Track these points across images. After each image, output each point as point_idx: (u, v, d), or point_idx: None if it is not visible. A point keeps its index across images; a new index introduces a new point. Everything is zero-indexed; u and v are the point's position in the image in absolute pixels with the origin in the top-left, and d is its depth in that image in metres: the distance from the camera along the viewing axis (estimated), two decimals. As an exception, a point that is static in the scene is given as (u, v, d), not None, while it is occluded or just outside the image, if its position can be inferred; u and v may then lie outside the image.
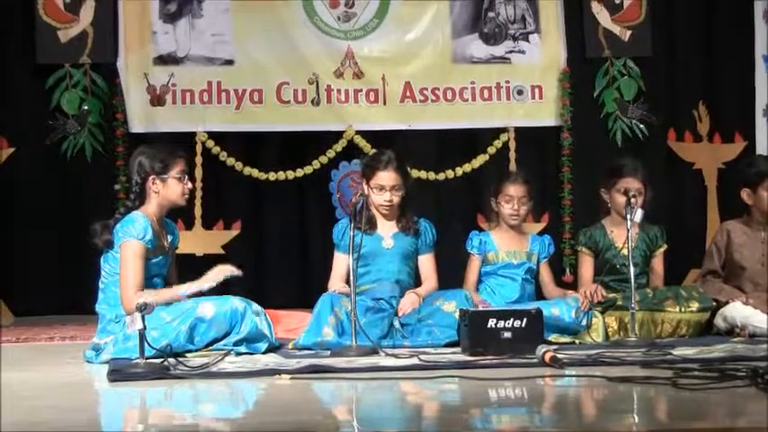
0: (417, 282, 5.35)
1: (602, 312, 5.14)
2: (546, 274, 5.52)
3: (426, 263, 5.34)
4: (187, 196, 4.91)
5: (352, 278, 4.75)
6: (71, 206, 6.90)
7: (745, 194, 5.50)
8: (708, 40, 7.59)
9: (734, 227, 5.55)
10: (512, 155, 7.26)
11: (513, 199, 5.44)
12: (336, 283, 5.21)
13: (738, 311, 5.19)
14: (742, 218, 5.57)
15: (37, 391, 3.94)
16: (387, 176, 5.23)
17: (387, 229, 5.29)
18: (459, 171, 7.28)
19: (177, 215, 5.37)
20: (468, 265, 5.48)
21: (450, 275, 5.53)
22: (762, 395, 3.46)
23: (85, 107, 6.95)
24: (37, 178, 6.94)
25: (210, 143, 7.05)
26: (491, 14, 7.35)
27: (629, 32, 7.42)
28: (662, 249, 5.59)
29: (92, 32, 6.97)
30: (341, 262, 5.23)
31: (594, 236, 5.56)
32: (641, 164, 5.58)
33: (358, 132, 7.14)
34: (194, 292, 4.73)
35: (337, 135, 7.16)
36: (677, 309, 5.16)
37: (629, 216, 5.06)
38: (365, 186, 5.28)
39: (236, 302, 4.70)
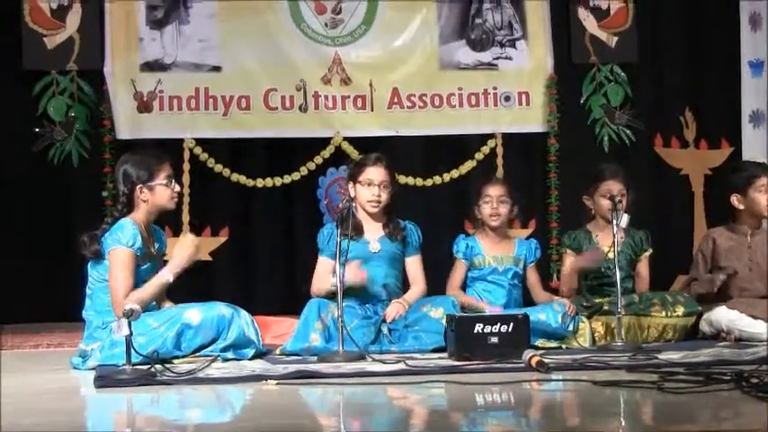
0: (405, 286, 5.34)
1: (589, 317, 5.16)
2: (533, 279, 5.52)
3: (414, 265, 5.34)
4: (176, 199, 4.91)
5: (338, 285, 4.74)
6: (58, 213, 6.88)
7: (735, 200, 5.50)
8: (694, 46, 7.61)
9: (719, 233, 5.56)
10: (499, 161, 7.28)
11: (492, 198, 5.43)
12: (320, 283, 5.17)
13: (724, 316, 5.20)
14: (727, 224, 5.58)
15: (23, 397, 3.93)
16: (376, 171, 5.23)
17: (373, 233, 5.29)
18: (447, 177, 7.29)
19: (165, 222, 5.36)
20: (453, 269, 5.49)
21: (437, 281, 5.52)
22: (747, 398, 3.47)
23: (72, 114, 6.93)
24: (23, 185, 6.92)
25: (198, 150, 7.05)
26: (478, 21, 7.36)
27: (615, 38, 7.44)
28: (647, 254, 5.62)
29: (78, 39, 6.96)
30: (325, 266, 5.23)
31: (578, 238, 5.60)
32: (622, 167, 5.63)
33: (345, 139, 7.15)
34: (177, 272, 4.73)
35: (325, 141, 7.17)
36: (663, 313, 5.18)
37: (615, 221, 5.07)
38: (352, 188, 5.27)
39: (222, 309, 4.71)
